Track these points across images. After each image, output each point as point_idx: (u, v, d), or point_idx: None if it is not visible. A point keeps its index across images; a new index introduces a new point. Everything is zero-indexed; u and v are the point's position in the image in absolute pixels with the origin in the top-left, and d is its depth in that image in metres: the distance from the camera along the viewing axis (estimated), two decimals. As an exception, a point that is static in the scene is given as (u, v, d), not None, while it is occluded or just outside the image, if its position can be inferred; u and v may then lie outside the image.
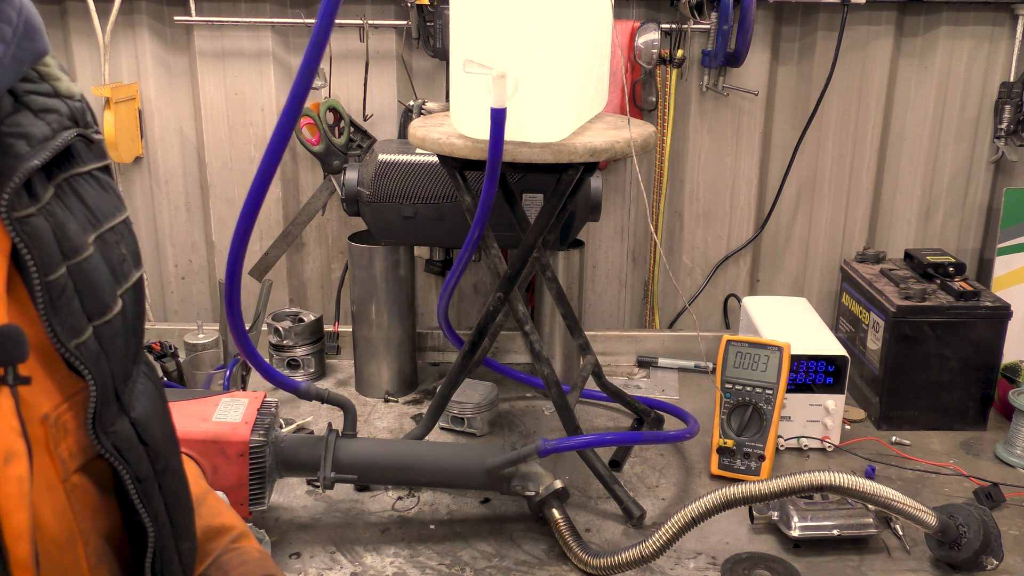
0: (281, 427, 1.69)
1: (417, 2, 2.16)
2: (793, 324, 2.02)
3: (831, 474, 1.37)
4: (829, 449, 1.88)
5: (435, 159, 1.89)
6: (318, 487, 1.61)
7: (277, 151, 1.25)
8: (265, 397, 1.57)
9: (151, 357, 2.05)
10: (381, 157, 1.95)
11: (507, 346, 2.35)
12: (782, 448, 1.88)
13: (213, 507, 1.03)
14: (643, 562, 1.43)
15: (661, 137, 2.32)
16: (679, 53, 2.24)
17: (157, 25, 2.29)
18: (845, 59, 2.29)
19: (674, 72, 2.27)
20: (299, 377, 2.21)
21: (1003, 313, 1.92)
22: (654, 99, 2.28)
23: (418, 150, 1.92)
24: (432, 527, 1.63)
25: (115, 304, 0.73)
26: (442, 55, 2.19)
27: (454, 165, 1.64)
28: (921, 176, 2.41)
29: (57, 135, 0.69)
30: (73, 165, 0.71)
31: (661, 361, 2.33)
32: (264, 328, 2.16)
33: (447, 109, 1.78)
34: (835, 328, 2.24)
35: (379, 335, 2.11)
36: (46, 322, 0.66)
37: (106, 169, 0.78)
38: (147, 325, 2.40)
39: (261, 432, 1.48)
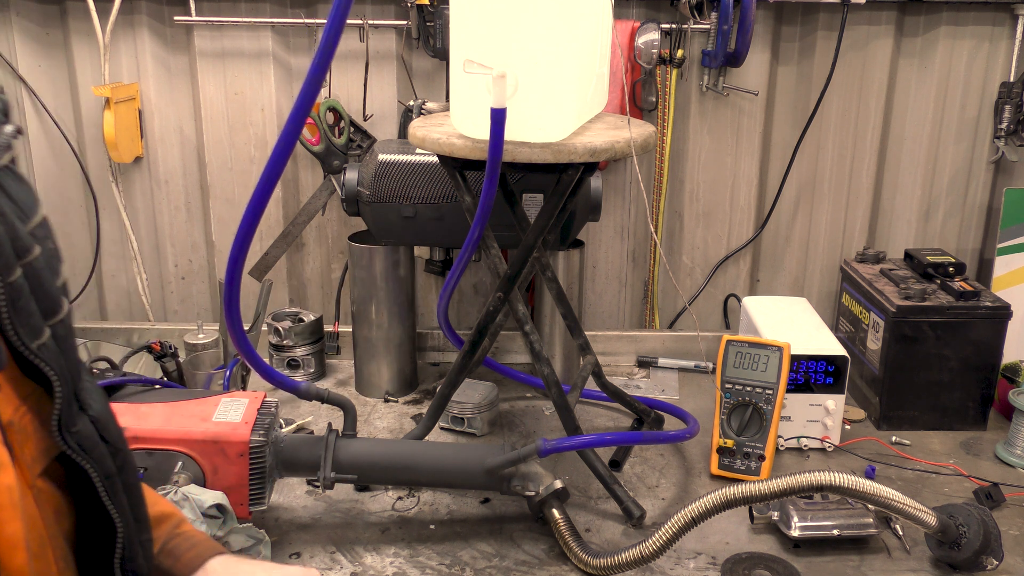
0: (281, 427, 1.69)
1: (417, 2, 2.16)
2: (793, 324, 2.02)
3: (831, 474, 1.36)
4: (829, 449, 1.88)
5: (435, 159, 1.89)
6: (318, 487, 1.62)
7: (282, 156, 1.25)
8: (265, 397, 1.57)
9: (155, 357, 2.05)
10: (381, 157, 1.95)
11: (507, 346, 2.35)
12: (782, 448, 1.88)
13: (150, 495, 1.02)
14: (643, 562, 1.43)
15: (661, 137, 2.32)
16: (679, 53, 2.24)
17: (157, 25, 2.29)
18: (845, 59, 2.29)
19: (674, 72, 2.27)
20: (299, 377, 2.21)
21: (1003, 313, 1.92)
22: (654, 99, 2.28)
23: (418, 150, 1.92)
24: (432, 527, 1.63)
25: (63, 301, 0.72)
26: (442, 55, 2.19)
27: (454, 165, 1.64)
28: (921, 176, 2.41)
29: (2, 131, 0.67)
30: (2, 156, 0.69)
31: (661, 361, 2.33)
32: (264, 328, 2.16)
33: (447, 109, 1.78)
34: (835, 328, 2.24)
35: (379, 335, 2.11)
36: (9, 326, 0.65)
37: (15, 160, 0.74)
38: (147, 325, 2.40)
39: (261, 432, 1.48)
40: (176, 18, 2.23)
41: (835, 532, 1.54)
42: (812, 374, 1.86)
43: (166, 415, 1.48)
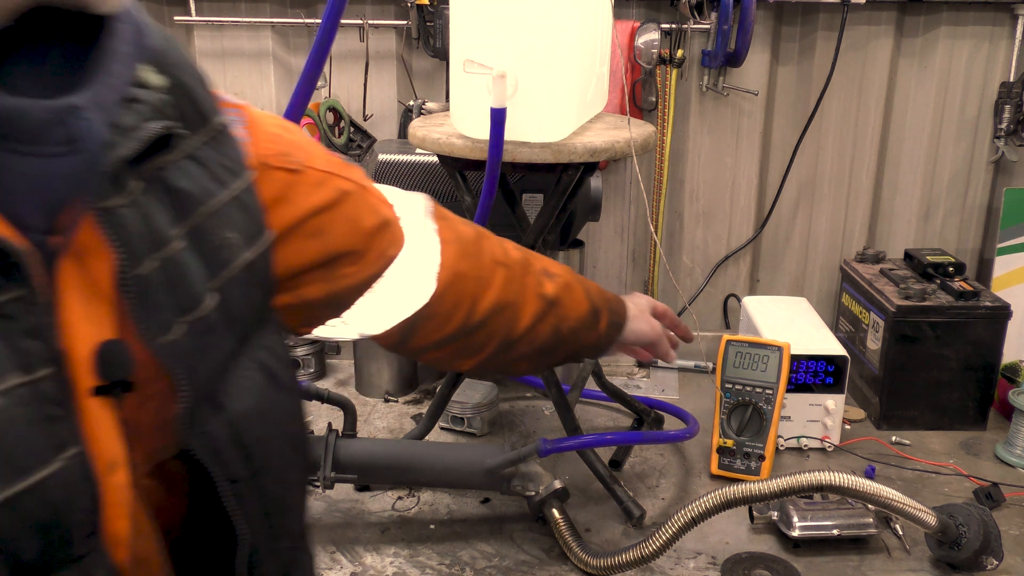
0: (281, 427, 1.69)
1: (417, 2, 2.16)
2: (793, 324, 2.02)
3: (831, 474, 1.36)
4: (829, 449, 1.88)
5: (435, 159, 1.89)
6: (318, 487, 1.62)
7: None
8: (265, 397, 1.57)
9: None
10: (381, 157, 1.95)
11: (507, 346, 2.34)
12: (782, 448, 1.88)
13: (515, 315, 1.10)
14: (643, 562, 1.43)
15: (661, 137, 2.32)
16: (679, 53, 2.24)
17: (157, 25, 2.29)
18: (845, 59, 2.29)
19: (674, 72, 2.27)
20: (299, 377, 2.21)
21: (1003, 313, 1.92)
22: (654, 99, 2.28)
23: (418, 150, 1.92)
24: (432, 527, 1.63)
25: (207, 297, 0.68)
26: (442, 55, 2.19)
27: (454, 165, 1.64)
28: (921, 176, 2.41)
29: (143, 126, 0.63)
30: (163, 154, 0.66)
31: (661, 361, 2.33)
32: (264, 328, 2.16)
33: (447, 109, 1.78)
34: (835, 328, 2.24)
35: (379, 335, 2.11)
36: (134, 319, 0.62)
37: (213, 141, 0.71)
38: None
39: (261, 432, 1.48)
40: (176, 18, 2.23)
41: (835, 532, 1.54)
42: (812, 374, 1.86)
43: (166, 415, 1.48)
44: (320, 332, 0.99)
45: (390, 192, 1.04)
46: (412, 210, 1.05)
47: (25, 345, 0.54)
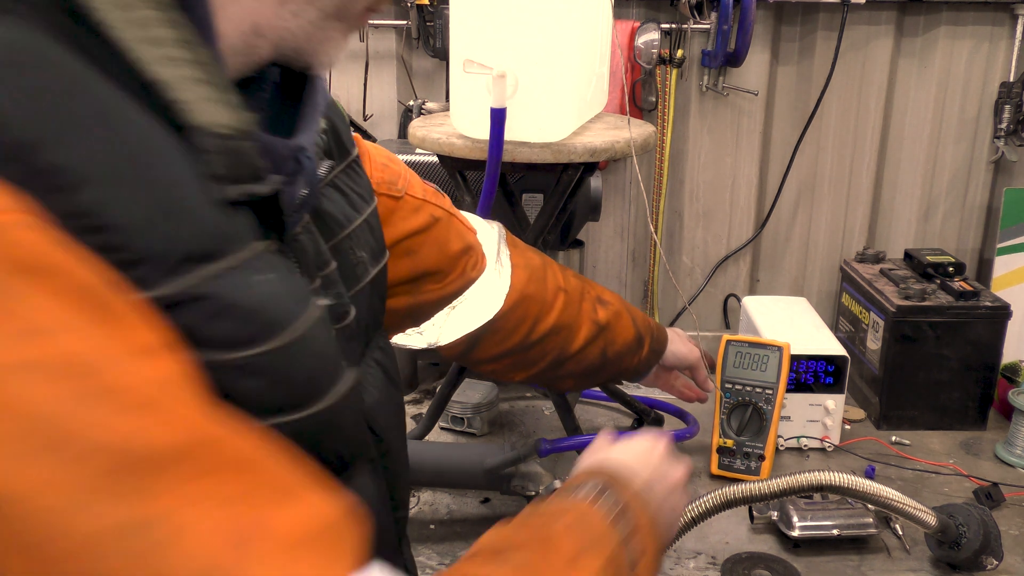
0: (281, 427, 1.69)
1: (417, 2, 2.16)
2: (793, 324, 2.02)
3: (831, 474, 1.36)
4: (829, 449, 1.88)
5: (435, 159, 1.89)
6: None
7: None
8: (265, 397, 1.57)
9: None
10: (381, 157, 1.95)
11: (507, 346, 2.34)
12: (782, 448, 1.88)
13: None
14: (643, 562, 1.43)
15: (661, 137, 2.32)
16: (679, 53, 2.24)
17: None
18: (845, 59, 2.29)
19: (674, 72, 2.27)
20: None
21: (1003, 313, 1.92)
22: (654, 99, 2.28)
23: (418, 150, 1.92)
24: (432, 527, 1.63)
25: (350, 309, 0.78)
26: (442, 55, 2.19)
27: (454, 165, 1.64)
28: (921, 176, 2.41)
29: (319, 167, 0.75)
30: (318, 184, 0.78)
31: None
32: (264, 328, 2.16)
33: (447, 109, 1.78)
34: (835, 328, 2.24)
35: (379, 335, 2.11)
36: None
37: (348, 170, 0.83)
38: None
39: (261, 432, 1.48)
40: (176, 18, 2.22)
41: (835, 532, 1.54)
42: (812, 374, 1.86)
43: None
44: (396, 340, 1.14)
45: (473, 219, 1.19)
46: (490, 237, 1.19)
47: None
